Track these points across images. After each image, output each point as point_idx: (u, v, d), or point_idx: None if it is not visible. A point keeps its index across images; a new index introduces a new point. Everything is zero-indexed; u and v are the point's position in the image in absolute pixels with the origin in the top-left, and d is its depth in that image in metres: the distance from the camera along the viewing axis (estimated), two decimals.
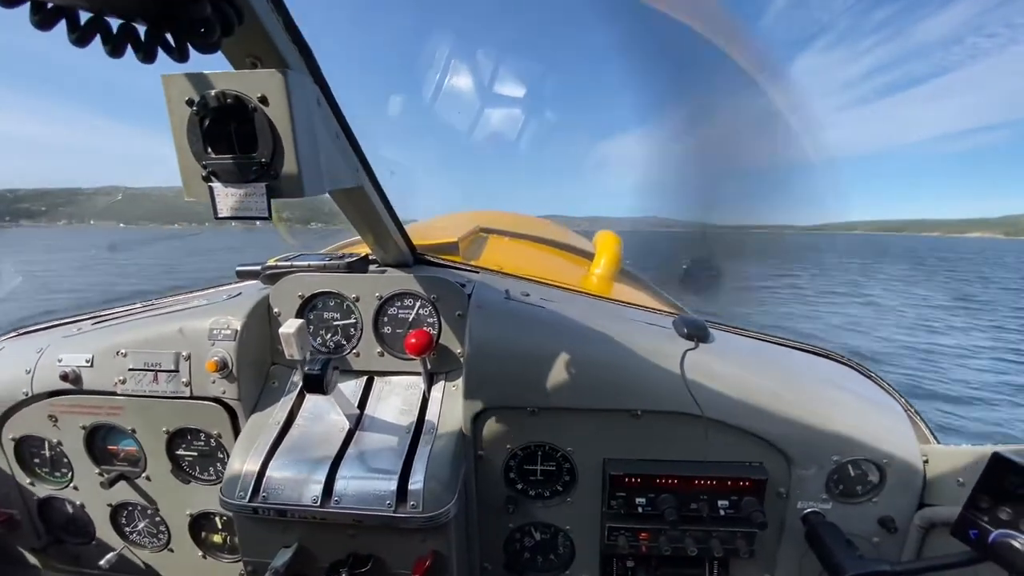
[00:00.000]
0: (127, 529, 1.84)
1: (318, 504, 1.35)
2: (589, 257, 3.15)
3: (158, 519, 1.79)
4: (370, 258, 1.85)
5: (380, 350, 1.68)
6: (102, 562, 1.82)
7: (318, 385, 1.31)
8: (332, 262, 1.72)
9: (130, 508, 1.81)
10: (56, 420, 1.70)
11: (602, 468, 1.55)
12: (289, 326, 1.41)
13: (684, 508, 1.48)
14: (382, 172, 1.46)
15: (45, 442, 1.76)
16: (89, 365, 1.65)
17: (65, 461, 1.77)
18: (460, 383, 1.56)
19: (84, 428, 1.69)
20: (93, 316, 1.94)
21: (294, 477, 1.39)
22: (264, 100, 0.88)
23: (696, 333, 1.63)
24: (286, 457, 1.45)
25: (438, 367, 1.66)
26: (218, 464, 1.68)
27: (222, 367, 1.55)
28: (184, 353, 1.59)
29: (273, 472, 1.41)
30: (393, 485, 1.35)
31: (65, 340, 1.75)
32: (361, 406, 1.61)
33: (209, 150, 0.91)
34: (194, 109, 0.88)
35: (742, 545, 1.50)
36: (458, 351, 1.64)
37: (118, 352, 1.62)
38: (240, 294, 1.77)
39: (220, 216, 0.96)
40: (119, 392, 1.63)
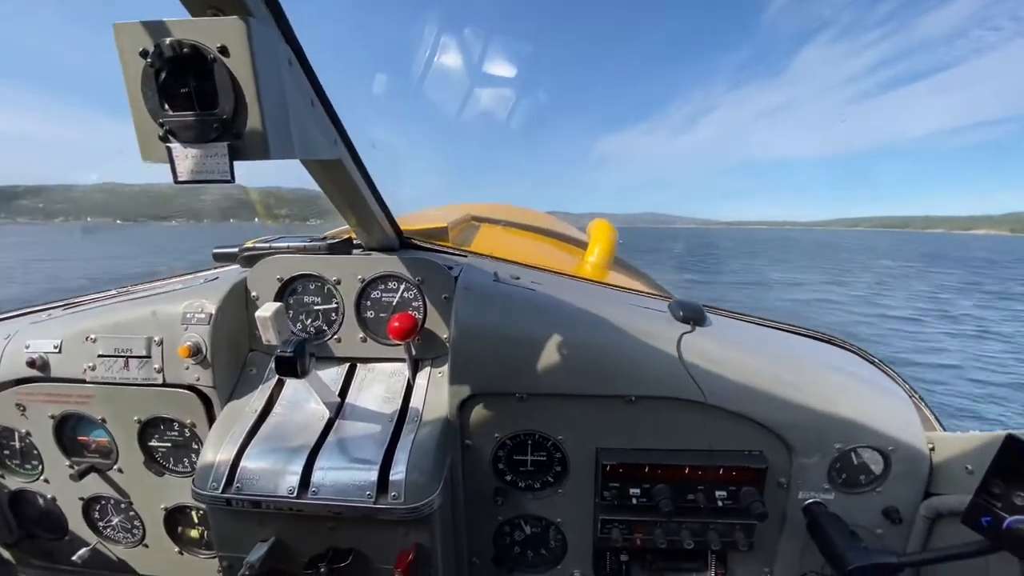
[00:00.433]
0: (100, 524, 1.77)
1: (294, 495, 1.27)
2: (583, 246, 3.08)
3: (132, 513, 1.71)
4: (354, 241, 1.78)
5: (363, 335, 1.61)
6: (75, 557, 1.74)
7: (291, 368, 1.24)
8: (313, 244, 1.65)
9: (103, 502, 1.73)
10: (24, 409, 1.63)
11: (595, 458, 1.48)
12: (266, 309, 1.34)
13: (680, 499, 1.42)
14: (364, 146, 1.39)
15: (14, 432, 1.69)
16: (57, 351, 1.57)
17: (35, 453, 1.69)
18: (446, 369, 1.49)
19: (53, 417, 1.61)
20: (65, 302, 1.87)
21: (270, 467, 1.32)
22: (224, 51, 0.80)
23: (692, 316, 1.57)
24: (262, 446, 1.37)
25: (423, 353, 1.59)
26: (192, 455, 1.60)
27: (195, 352, 1.47)
28: (156, 338, 1.52)
29: (247, 462, 1.33)
30: (373, 475, 1.28)
31: (33, 326, 1.67)
32: (342, 394, 1.53)
33: (166, 107, 0.84)
34: (148, 60, 0.80)
35: (741, 537, 1.44)
36: (444, 336, 1.57)
37: (87, 337, 1.55)
38: (217, 278, 1.70)
39: (180, 180, 0.89)
40: (88, 379, 1.55)
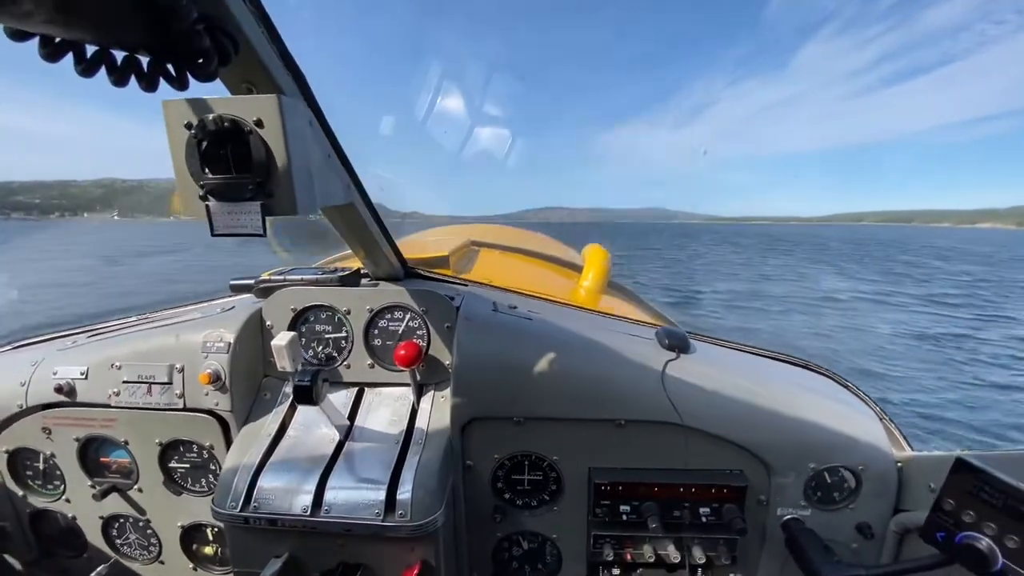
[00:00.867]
0: (118, 541, 1.85)
1: (308, 514, 1.37)
2: (578, 270, 3.20)
3: (149, 531, 1.80)
4: (362, 272, 1.90)
5: (370, 362, 1.72)
6: (92, 575, 1.82)
7: (308, 396, 1.34)
8: (325, 276, 1.77)
9: (121, 520, 1.82)
10: (50, 432, 1.72)
11: (588, 477, 1.58)
12: (281, 339, 1.44)
13: (667, 516, 1.52)
14: (372, 188, 1.52)
15: (39, 455, 1.78)
16: (84, 377, 1.68)
17: (58, 474, 1.78)
18: (448, 393, 1.60)
19: (78, 440, 1.71)
20: (89, 329, 1.97)
21: (285, 487, 1.42)
22: (259, 123, 0.93)
23: (677, 344, 1.68)
24: (277, 467, 1.47)
25: (427, 378, 1.70)
26: (210, 475, 1.70)
27: (215, 379, 1.58)
28: (178, 365, 1.62)
29: (264, 482, 1.43)
30: (381, 495, 1.38)
31: (60, 353, 1.77)
32: (351, 417, 1.64)
33: (206, 171, 0.96)
34: (192, 132, 0.93)
35: (723, 552, 1.54)
36: (447, 362, 1.68)
37: (112, 365, 1.65)
38: (234, 307, 1.81)
39: (216, 233, 1.01)
40: (113, 404, 1.65)
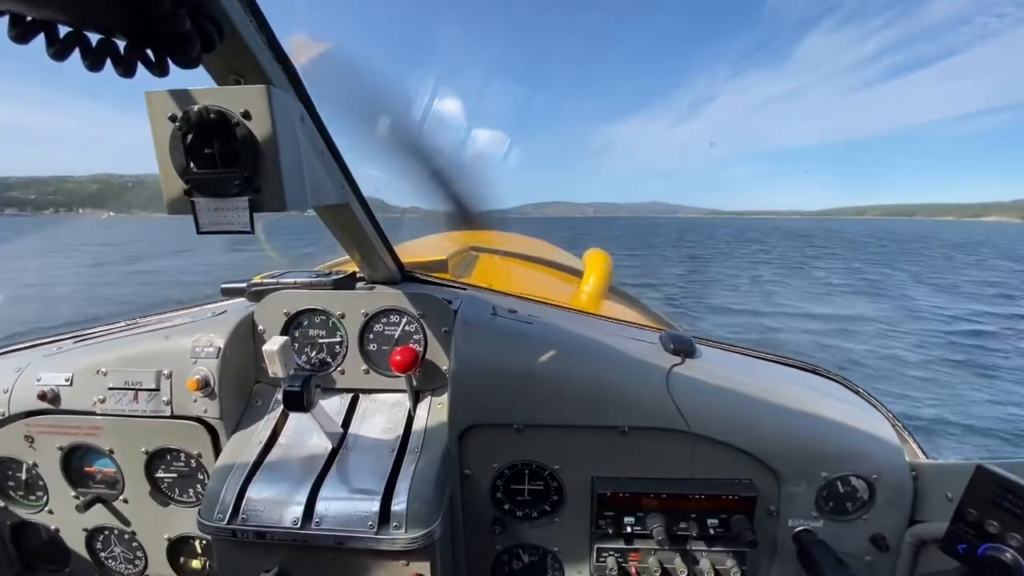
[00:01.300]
0: (103, 555, 1.78)
1: (298, 526, 1.31)
2: (579, 275, 3.16)
3: (135, 543, 1.74)
4: (357, 276, 1.85)
5: (365, 367, 1.66)
6: None
7: (298, 402, 1.29)
8: (319, 279, 1.72)
9: (106, 532, 1.75)
10: (32, 441, 1.66)
11: (590, 487, 1.52)
12: (273, 343, 1.40)
13: (673, 527, 1.46)
14: (368, 189, 1.48)
15: (21, 464, 1.71)
16: (68, 384, 1.62)
17: (41, 484, 1.72)
18: (446, 400, 1.55)
19: (61, 449, 1.65)
20: (75, 335, 1.92)
21: (275, 498, 1.36)
22: (247, 115, 0.89)
23: (682, 348, 1.63)
24: (267, 477, 1.41)
25: (424, 384, 1.65)
26: (198, 486, 1.64)
27: (204, 385, 1.53)
28: (165, 371, 1.57)
29: (253, 493, 1.37)
30: (375, 506, 1.33)
31: (45, 359, 1.72)
32: (346, 424, 1.58)
33: (192, 165, 0.91)
34: (177, 124, 0.88)
35: (733, 565, 1.47)
36: (444, 367, 1.63)
37: (98, 371, 1.60)
38: (225, 312, 1.76)
39: (202, 231, 0.96)
40: (98, 412, 1.59)
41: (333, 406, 1.64)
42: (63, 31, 0.69)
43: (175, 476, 1.64)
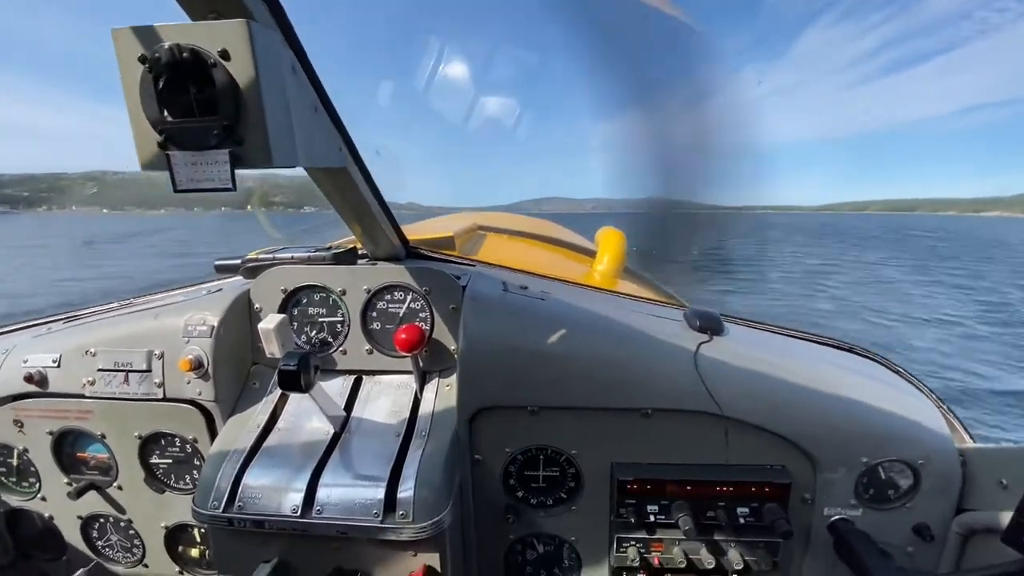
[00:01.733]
0: (99, 543, 1.72)
1: (298, 514, 1.23)
2: (591, 255, 3.04)
3: (131, 532, 1.66)
4: (359, 251, 1.74)
5: (368, 347, 1.56)
6: None
7: (295, 382, 1.19)
8: (317, 254, 1.61)
9: (102, 520, 1.68)
10: (22, 425, 1.59)
11: (610, 473, 1.42)
12: (269, 321, 1.30)
13: (700, 516, 1.36)
14: (369, 154, 1.36)
15: (12, 449, 1.64)
16: (56, 365, 1.53)
17: (32, 470, 1.65)
18: (454, 381, 1.45)
19: (51, 433, 1.57)
20: (66, 315, 1.84)
21: (273, 485, 1.27)
22: (225, 54, 0.77)
23: (709, 325, 1.52)
24: (265, 463, 1.33)
25: (431, 365, 1.55)
26: (194, 472, 1.56)
27: (197, 366, 1.43)
28: (157, 352, 1.48)
29: (250, 480, 1.28)
30: (380, 493, 1.23)
31: (34, 340, 1.64)
32: (348, 407, 1.49)
33: (165, 114, 0.80)
34: (147, 66, 0.77)
35: (764, 556, 1.38)
36: (452, 347, 1.53)
37: (87, 351, 1.51)
38: (221, 290, 1.66)
39: (179, 189, 0.85)
40: (87, 394, 1.51)
41: (335, 388, 1.54)
42: None
43: (170, 462, 1.56)
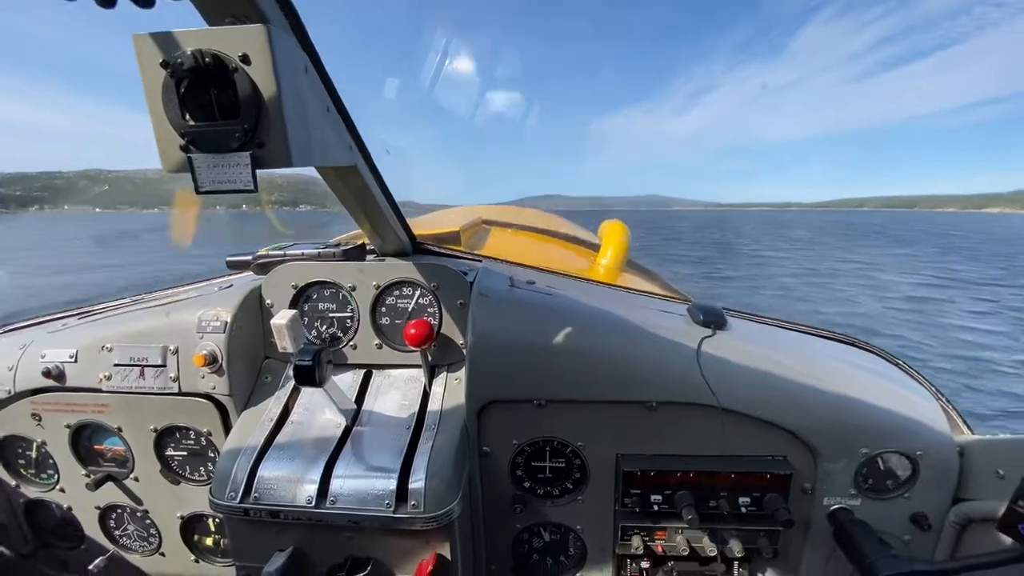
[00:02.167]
0: (116, 532, 1.76)
1: (313, 505, 1.26)
2: (595, 249, 3.06)
3: (148, 521, 1.71)
4: (368, 247, 1.77)
5: (378, 342, 1.59)
6: (91, 567, 1.73)
7: (309, 377, 1.23)
8: (327, 250, 1.64)
9: (119, 510, 1.73)
10: (40, 419, 1.63)
11: (615, 464, 1.46)
12: (281, 317, 1.33)
13: (703, 506, 1.39)
14: (378, 153, 1.38)
15: (31, 442, 1.68)
16: (73, 361, 1.57)
17: (51, 462, 1.69)
18: (463, 375, 1.48)
19: (69, 427, 1.61)
20: (80, 311, 1.87)
21: (287, 476, 1.31)
22: (245, 59, 0.79)
23: (713, 320, 1.54)
24: (279, 455, 1.36)
25: (439, 359, 1.58)
26: (209, 464, 1.60)
27: (211, 361, 1.47)
28: (171, 347, 1.51)
29: (265, 471, 1.32)
30: (392, 484, 1.27)
31: (50, 336, 1.67)
32: (359, 401, 1.52)
33: (187, 117, 0.83)
34: (169, 71, 0.79)
35: (765, 544, 1.41)
36: (460, 342, 1.56)
37: (103, 347, 1.54)
38: (232, 286, 1.69)
39: (202, 190, 0.87)
40: (104, 389, 1.54)
41: (346, 382, 1.58)
42: None
43: (185, 454, 1.60)
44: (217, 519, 1.67)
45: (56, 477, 1.70)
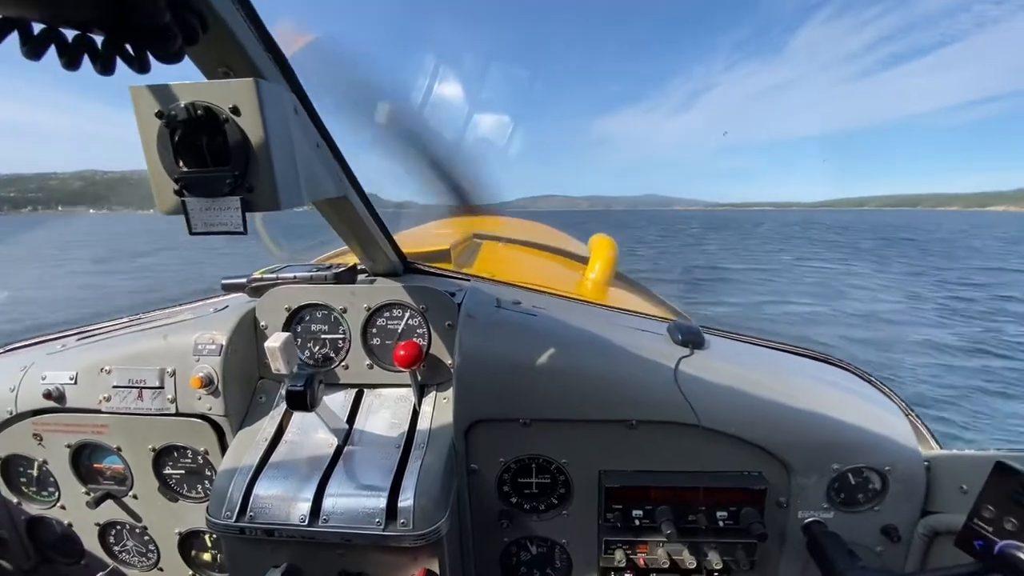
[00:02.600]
0: (116, 548, 1.80)
1: (306, 523, 1.31)
2: (584, 261, 3.12)
3: (147, 538, 1.75)
4: (359, 268, 1.82)
5: (369, 362, 1.65)
6: None
7: (301, 402, 1.28)
8: (319, 273, 1.69)
9: (118, 527, 1.77)
10: (41, 439, 1.67)
11: (598, 480, 1.51)
12: (275, 340, 1.38)
13: (682, 520, 1.45)
14: (367, 179, 1.44)
15: (32, 461, 1.73)
16: (73, 382, 1.62)
17: (51, 480, 1.73)
18: (451, 394, 1.53)
19: (69, 447, 1.65)
20: (79, 332, 1.91)
21: (282, 495, 1.36)
22: (236, 110, 0.85)
23: (691, 339, 1.60)
24: (274, 474, 1.41)
25: (428, 379, 1.63)
26: (206, 481, 1.64)
27: (207, 383, 1.52)
28: (169, 369, 1.56)
29: (260, 490, 1.37)
30: (382, 503, 1.32)
31: (49, 357, 1.71)
32: (351, 420, 1.57)
33: (181, 163, 0.88)
34: (164, 121, 0.85)
35: (742, 557, 1.47)
36: (448, 362, 1.61)
37: (102, 369, 1.59)
38: (227, 307, 1.74)
39: (195, 232, 0.93)
40: (103, 409, 1.59)
41: (337, 401, 1.63)
42: (37, 28, 0.65)
43: (183, 472, 1.65)
44: (214, 535, 1.72)
45: (57, 495, 1.75)
